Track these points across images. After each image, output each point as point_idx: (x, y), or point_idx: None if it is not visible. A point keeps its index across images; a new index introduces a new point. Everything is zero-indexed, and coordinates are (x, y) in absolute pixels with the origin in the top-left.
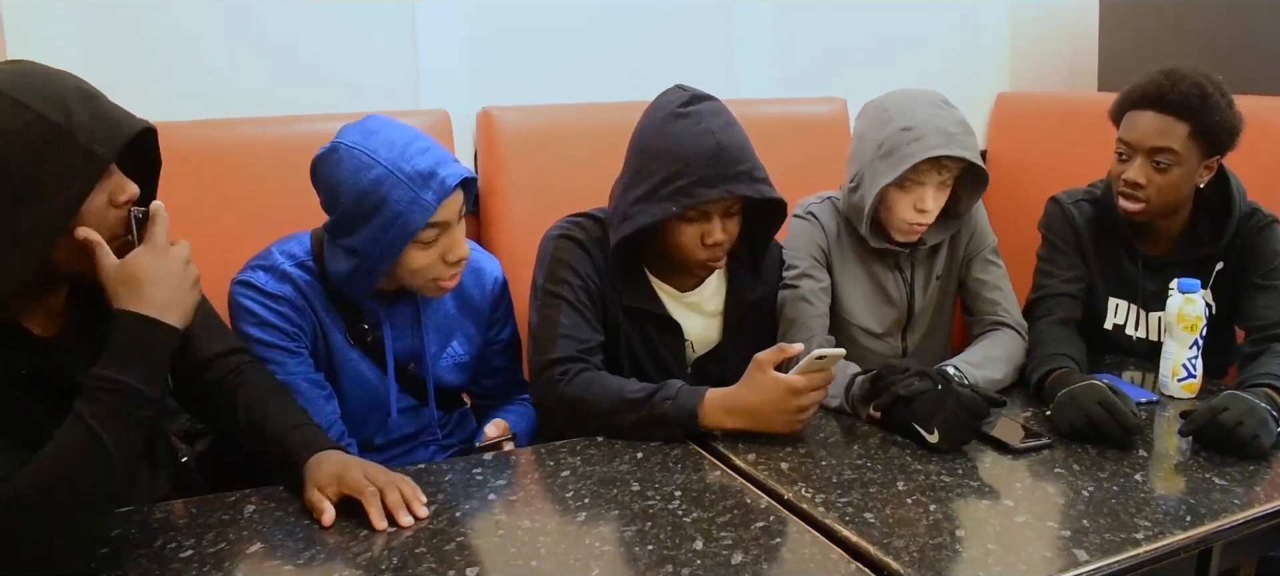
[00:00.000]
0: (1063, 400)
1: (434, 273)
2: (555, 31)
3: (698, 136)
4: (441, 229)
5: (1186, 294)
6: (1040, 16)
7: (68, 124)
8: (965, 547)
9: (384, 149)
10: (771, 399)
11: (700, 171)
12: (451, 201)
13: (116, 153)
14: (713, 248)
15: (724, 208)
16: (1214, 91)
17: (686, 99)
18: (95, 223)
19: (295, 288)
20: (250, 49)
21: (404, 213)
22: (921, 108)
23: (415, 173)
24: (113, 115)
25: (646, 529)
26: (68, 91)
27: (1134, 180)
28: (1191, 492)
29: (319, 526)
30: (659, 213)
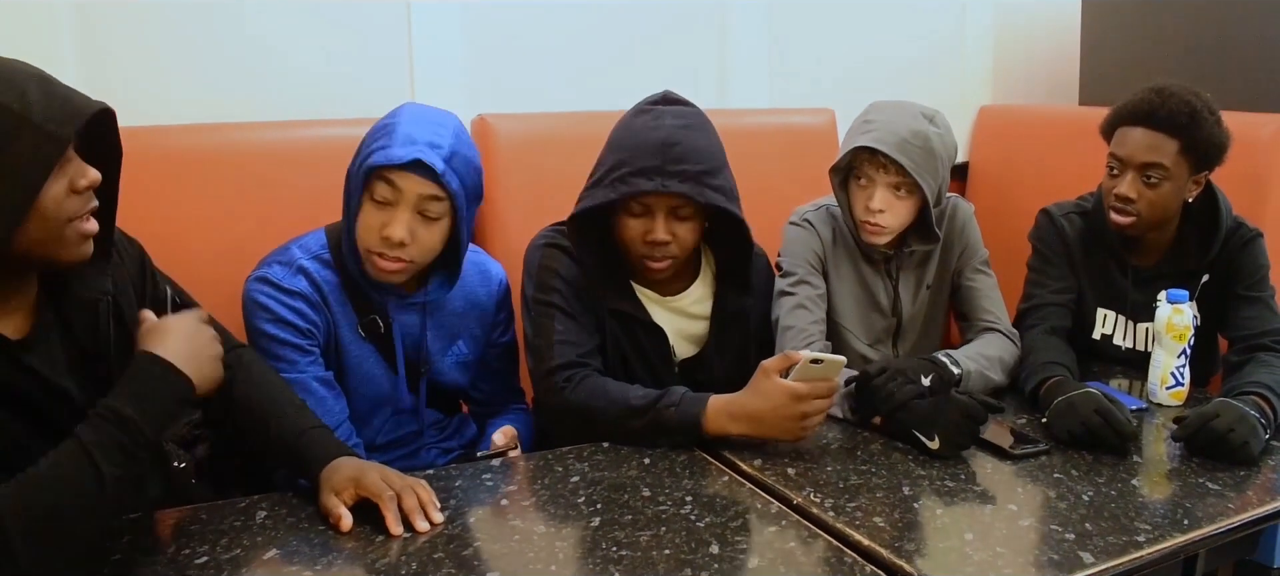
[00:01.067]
0: (1060, 407)
1: (369, 241)
2: (550, 40)
3: (649, 131)
4: (394, 194)
5: (1175, 304)
6: (1023, 31)
7: (24, 108)
8: (975, 550)
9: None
10: (775, 405)
11: (640, 162)
12: (413, 177)
13: (75, 133)
14: (652, 245)
15: (668, 207)
16: (1203, 109)
17: (656, 99)
18: (54, 208)
19: (311, 281)
20: (246, 55)
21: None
22: (893, 111)
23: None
24: (69, 97)
25: (661, 533)
26: (22, 77)
27: (1125, 195)
28: (1187, 497)
29: (334, 532)
30: (599, 198)
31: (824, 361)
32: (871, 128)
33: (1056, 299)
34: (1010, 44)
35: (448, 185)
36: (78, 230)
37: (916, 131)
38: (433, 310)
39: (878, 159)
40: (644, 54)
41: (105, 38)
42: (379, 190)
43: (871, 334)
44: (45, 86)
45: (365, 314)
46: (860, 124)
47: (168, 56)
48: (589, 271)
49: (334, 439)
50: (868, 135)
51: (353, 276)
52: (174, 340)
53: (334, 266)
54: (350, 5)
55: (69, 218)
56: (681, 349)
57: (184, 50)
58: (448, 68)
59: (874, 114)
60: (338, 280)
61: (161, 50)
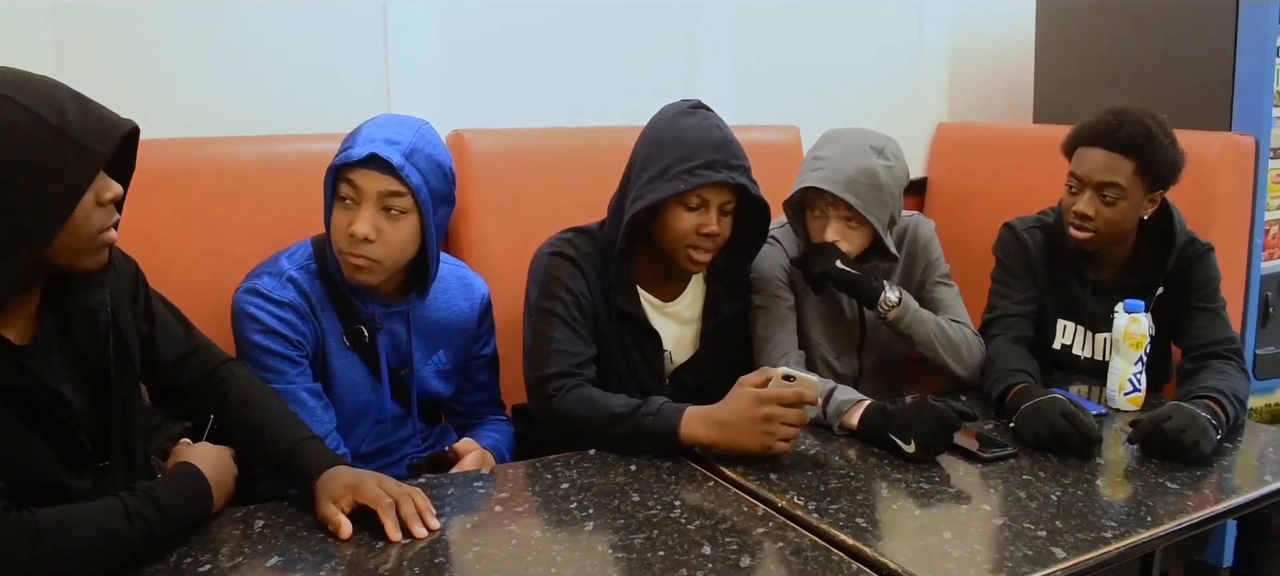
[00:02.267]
0: (1027, 413)
1: (339, 241)
2: (524, 58)
3: (707, 130)
4: (355, 193)
5: (1132, 314)
6: (978, 51)
7: (63, 123)
8: (954, 548)
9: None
10: (741, 409)
11: (707, 156)
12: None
13: (112, 149)
14: (704, 237)
15: (721, 201)
16: (1158, 131)
17: (693, 105)
18: (83, 220)
19: (299, 291)
20: (222, 70)
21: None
22: (843, 146)
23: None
24: (103, 115)
25: (655, 536)
26: (59, 92)
27: (1083, 212)
28: (1149, 496)
29: (334, 540)
30: (667, 190)
31: (796, 379)
32: (821, 165)
33: (1019, 309)
34: (967, 64)
35: (407, 180)
36: (101, 240)
37: (863, 168)
38: (416, 320)
39: (827, 196)
40: (615, 72)
41: (81, 54)
42: (343, 190)
43: (837, 346)
44: (80, 102)
45: (350, 324)
46: (811, 160)
47: (144, 72)
48: (611, 267)
49: (327, 449)
50: (817, 173)
51: (338, 286)
52: (207, 463)
53: (320, 277)
54: (327, 21)
55: (97, 230)
56: (677, 353)
57: (160, 65)
58: (424, 84)
59: (824, 149)
60: (324, 290)
61: (138, 66)
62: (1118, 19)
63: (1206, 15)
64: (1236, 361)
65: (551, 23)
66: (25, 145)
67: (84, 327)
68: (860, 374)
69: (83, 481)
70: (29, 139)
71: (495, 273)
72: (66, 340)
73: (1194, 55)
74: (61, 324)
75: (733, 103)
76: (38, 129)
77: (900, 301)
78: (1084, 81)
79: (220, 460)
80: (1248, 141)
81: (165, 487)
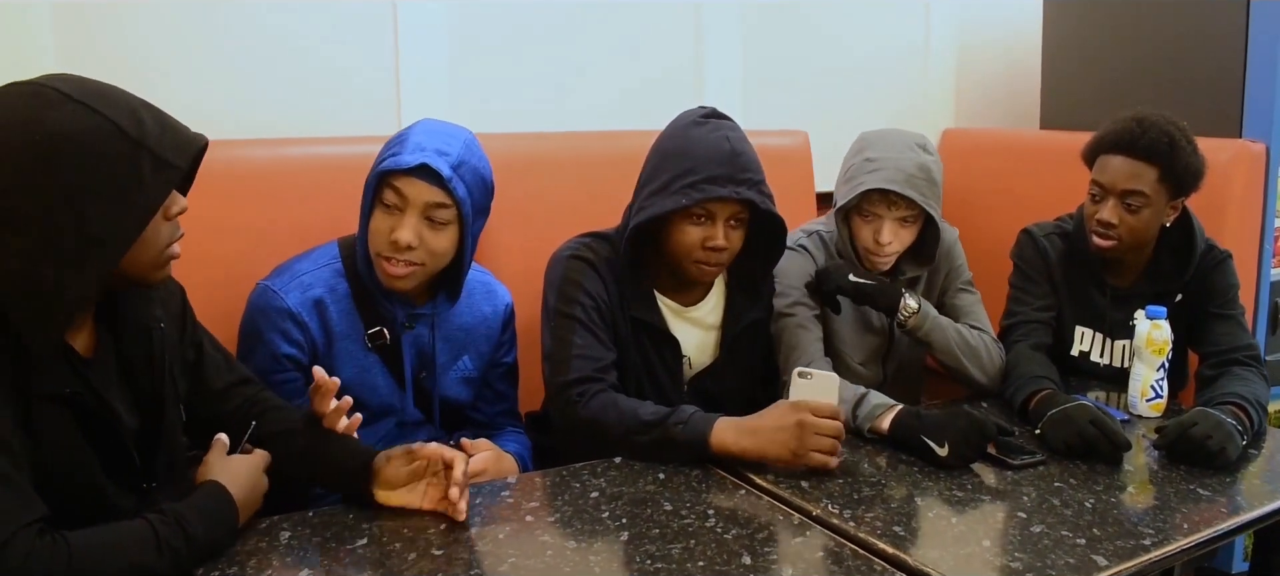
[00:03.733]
0: (1056, 419)
1: (379, 245)
2: (535, 61)
3: (715, 141)
4: (401, 200)
5: (1154, 320)
6: (985, 57)
7: (141, 134)
8: (994, 556)
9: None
10: (774, 418)
11: (711, 170)
12: (420, 183)
13: (188, 164)
14: (711, 251)
15: (729, 214)
16: (1181, 137)
17: (707, 113)
18: (153, 234)
19: (307, 297)
20: (231, 72)
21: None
22: (892, 145)
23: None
24: (178, 129)
25: (692, 546)
26: (136, 104)
27: (1107, 220)
28: (1181, 503)
29: (362, 550)
30: (670, 204)
31: (811, 376)
32: (877, 166)
33: (1039, 316)
34: (973, 69)
35: (454, 192)
36: (167, 255)
37: (918, 163)
38: (440, 323)
39: (888, 196)
40: (624, 77)
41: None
42: (387, 196)
43: (863, 353)
44: (156, 115)
45: (372, 325)
46: (861, 162)
47: (150, 74)
48: (623, 276)
49: (361, 444)
50: (876, 174)
51: (365, 287)
52: (239, 480)
53: (346, 276)
54: (337, 25)
55: (165, 244)
56: (696, 359)
57: (167, 68)
58: (434, 89)
59: (873, 150)
60: (349, 290)
61: (143, 69)
62: (1126, 24)
63: (1217, 21)
64: (1256, 367)
65: (560, 27)
66: (104, 155)
67: (138, 344)
68: (883, 382)
69: (127, 499)
70: (108, 149)
71: (506, 277)
72: (120, 355)
73: (1204, 61)
74: (115, 338)
75: (739, 107)
76: (117, 139)
77: (920, 309)
78: (1092, 88)
79: (250, 474)
80: (1258, 148)
81: (195, 513)
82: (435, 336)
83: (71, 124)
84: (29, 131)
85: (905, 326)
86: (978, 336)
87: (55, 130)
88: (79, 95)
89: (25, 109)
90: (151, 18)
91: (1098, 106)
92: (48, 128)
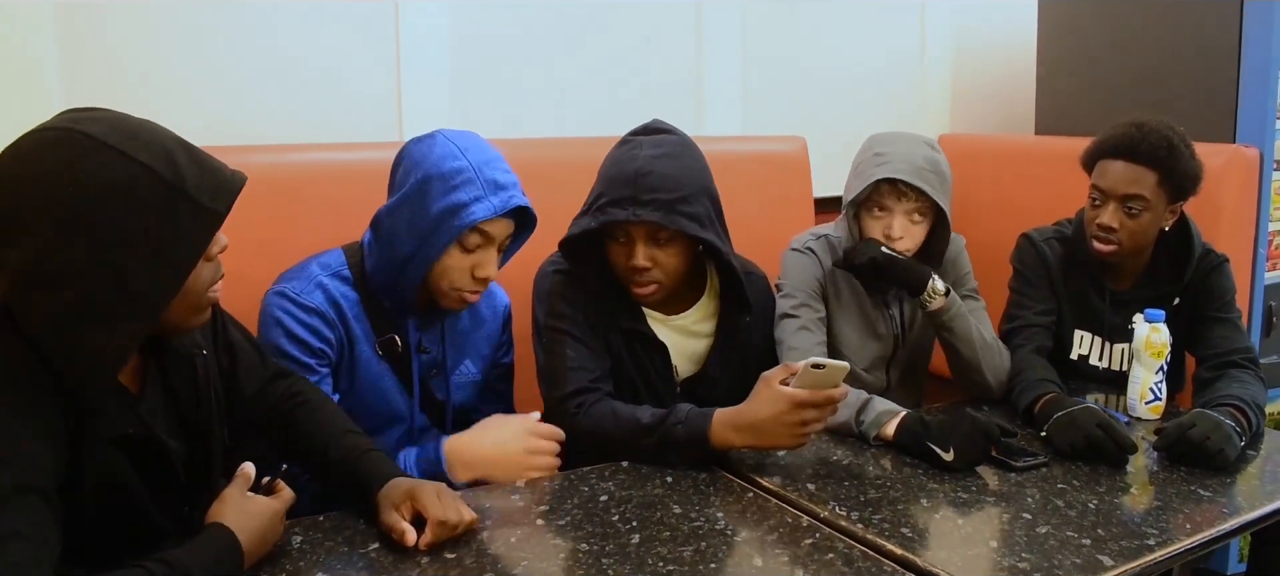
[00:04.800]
0: (1062, 422)
1: (460, 282)
2: (535, 68)
3: (625, 161)
4: (485, 240)
5: (1153, 323)
6: (980, 63)
7: (177, 179)
8: (1002, 557)
9: (474, 151)
10: (776, 412)
11: (615, 192)
12: (505, 222)
13: (227, 209)
14: (633, 270)
15: (647, 234)
16: (1180, 142)
17: (640, 130)
18: (194, 279)
19: (328, 297)
20: (233, 80)
21: (468, 204)
22: (901, 142)
23: (491, 180)
24: (216, 168)
25: (703, 549)
26: (171, 144)
27: (1107, 224)
28: (1183, 503)
29: (375, 555)
30: (579, 227)
31: (826, 366)
32: (887, 160)
33: (1040, 320)
34: (969, 75)
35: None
36: (209, 298)
37: (929, 158)
38: (450, 327)
39: (898, 188)
40: (624, 83)
41: (87, 62)
42: (471, 239)
43: (869, 358)
44: (191, 154)
45: (383, 332)
46: (871, 158)
47: (151, 80)
48: (592, 290)
49: (389, 460)
50: (885, 167)
51: (373, 295)
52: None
53: (353, 284)
54: (338, 31)
55: (206, 287)
56: (684, 367)
57: (168, 73)
58: (435, 96)
59: (882, 146)
60: (357, 297)
61: (144, 74)
62: (1121, 30)
63: (1211, 27)
64: (1253, 370)
65: (561, 34)
66: (141, 207)
67: (182, 373)
68: (888, 388)
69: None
70: (145, 199)
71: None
72: (166, 386)
73: (1198, 67)
74: (161, 368)
75: (739, 114)
76: (152, 187)
77: (948, 293)
78: (1087, 93)
79: (265, 520)
80: (1252, 153)
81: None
82: (445, 344)
83: (105, 175)
84: (63, 183)
85: (929, 309)
86: (992, 337)
87: (90, 182)
88: (111, 140)
89: (56, 160)
90: (152, 26)
91: (1093, 112)
92: (81, 179)
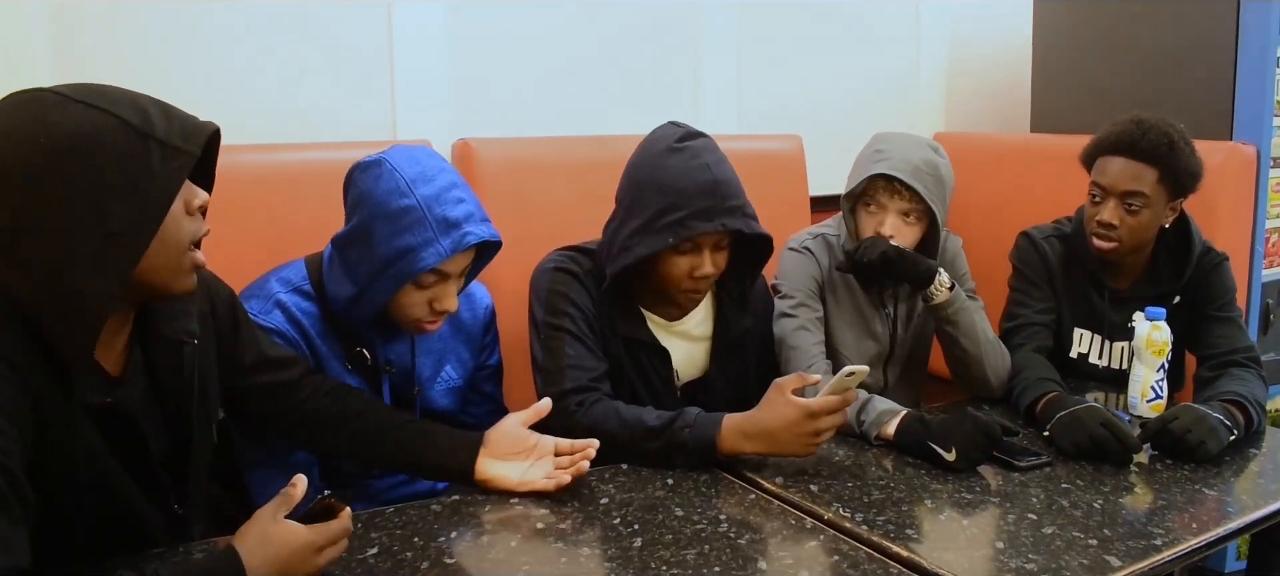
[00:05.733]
0: (1065, 421)
1: (418, 314)
2: (531, 66)
3: (695, 171)
4: (440, 277)
5: (1154, 321)
6: (975, 61)
7: (146, 124)
8: (1009, 558)
9: (423, 185)
10: (789, 423)
11: (696, 205)
12: (462, 257)
13: (200, 149)
14: (700, 279)
15: (714, 241)
16: (1180, 139)
17: (681, 135)
18: (174, 228)
19: (287, 316)
20: (226, 78)
21: (416, 249)
22: (904, 141)
23: (442, 218)
24: (185, 117)
25: (706, 552)
26: (140, 99)
27: (1107, 221)
28: (1188, 503)
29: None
30: (656, 244)
31: (855, 372)
32: (885, 156)
33: (1040, 319)
34: (964, 73)
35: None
36: (191, 259)
37: (928, 160)
38: (421, 338)
39: (893, 186)
40: (619, 82)
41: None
42: (426, 280)
43: (865, 358)
44: (162, 107)
45: (351, 346)
46: (872, 153)
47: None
48: (592, 295)
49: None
50: (883, 163)
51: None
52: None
53: (316, 299)
54: (332, 29)
55: (187, 240)
56: (685, 372)
57: (159, 74)
58: (429, 93)
59: (884, 144)
60: (318, 313)
61: (135, 75)
62: (1117, 26)
63: (1208, 23)
64: (1255, 369)
65: (556, 33)
66: (113, 150)
67: (168, 359)
68: (885, 387)
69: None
70: (116, 144)
71: (503, 283)
72: (151, 372)
73: (1194, 64)
74: (147, 355)
75: (735, 112)
76: (122, 132)
77: (953, 287)
78: (1083, 91)
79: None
80: (1249, 150)
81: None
82: (417, 355)
83: (76, 123)
84: (35, 137)
85: (935, 301)
86: (992, 335)
87: (60, 132)
88: (79, 95)
89: (27, 115)
90: (144, 23)
91: (1089, 110)
92: (53, 130)
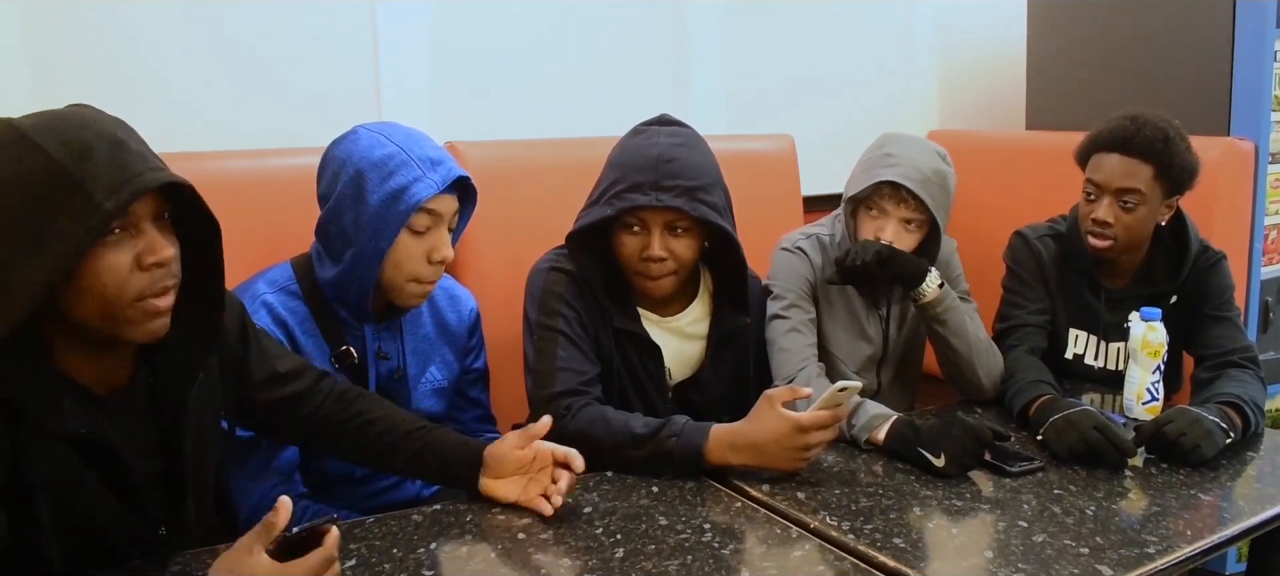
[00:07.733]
0: (1059, 425)
1: (417, 270)
2: (517, 68)
3: (645, 149)
4: (434, 220)
5: (1149, 321)
6: (969, 58)
7: (78, 171)
8: (998, 568)
9: (399, 135)
10: (778, 437)
11: (635, 177)
12: (449, 197)
13: (123, 209)
14: (648, 262)
15: (665, 222)
16: (1175, 135)
17: (652, 121)
18: (115, 281)
19: (273, 317)
20: (211, 81)
21: (409, 186)
22: (913, 146)
23: (425, 157)
24: (134, 167)
25: (689, 563)
26: (95, 137)
27: (1103, 219)
28: (1183, 508)
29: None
30: (595, 215)
31: (847, 387)
32: (895, 162)
33: (1034, 320)
34: (958, 70)
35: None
36: (144, 309)
37: (936, 170)
38: (409, 333)
39: (899, 193)
40: (606, 83)
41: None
42: (420, 221)
43: (857, 360)
44: (116, 151)
45: (338, 345)
46: (880, 156)
47: (123, 85)
48: (593, 287)
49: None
50: (892, 169)
51: (327, 309)
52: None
53: (303, 298)
54: (316, 33)
55: (135, 297)
56: (677, 369)
57: (141, 78)
58: (414, 95)
59: (893, 147)
60: (307, 311)
61: (116, 79)
62: (1112, 23)
63: (1203, 19)
64: (1253, 370)
65: (541, 34)
66: (27, 197)
67: (173, 386)
68: (879, 390)
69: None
70: (32, 190)
71: (489, 285)
72: (151, 398)
73: (1191, 60)
74: (150, 381)
75: (724, 112)
76: (45, 178)
77: (943, 286)
78: (1078, 87)
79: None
80: (1247, 146)
81: None
82: (406, 352)
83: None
84: None
85: (924, 300)
86: (985, 337)
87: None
88: (34, 132)
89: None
90: (125, 28)
91: (1084, 106)
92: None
